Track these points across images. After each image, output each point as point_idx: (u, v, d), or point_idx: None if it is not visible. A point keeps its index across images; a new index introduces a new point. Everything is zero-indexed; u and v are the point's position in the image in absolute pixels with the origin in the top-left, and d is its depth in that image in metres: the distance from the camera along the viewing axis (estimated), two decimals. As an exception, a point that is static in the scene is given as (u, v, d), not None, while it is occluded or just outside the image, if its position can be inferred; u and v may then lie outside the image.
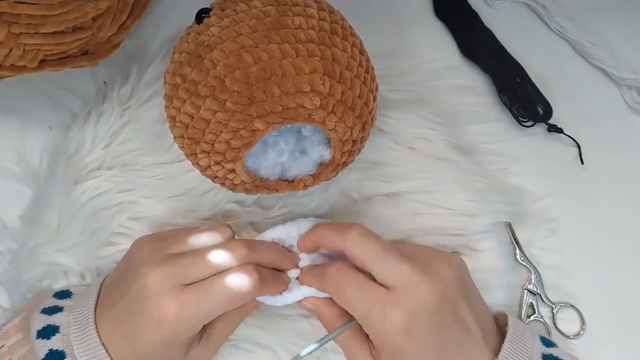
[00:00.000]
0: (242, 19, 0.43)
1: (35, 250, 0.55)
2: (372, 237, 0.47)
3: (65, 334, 0.46)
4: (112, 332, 0.46)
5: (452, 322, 0.45)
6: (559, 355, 0.47)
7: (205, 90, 0.42)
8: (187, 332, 0.45)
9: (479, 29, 0.62)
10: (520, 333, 0.48)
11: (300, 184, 0.48)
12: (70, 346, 0.45)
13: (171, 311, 0.43)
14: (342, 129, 0.44)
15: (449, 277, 0.46)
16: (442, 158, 0.57)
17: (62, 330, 0.46)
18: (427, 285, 0.44)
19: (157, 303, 0.44)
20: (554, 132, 0.59)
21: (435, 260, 0.48)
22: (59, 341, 0.45)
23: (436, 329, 0.44)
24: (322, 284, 0.48)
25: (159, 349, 0.45)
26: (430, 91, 0.60)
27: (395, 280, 0.45)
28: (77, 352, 0.45)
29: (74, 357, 0.45)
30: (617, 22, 0.63)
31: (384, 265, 0.45)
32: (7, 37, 0.45)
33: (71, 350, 0.45)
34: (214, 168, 0.45)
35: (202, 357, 0.49)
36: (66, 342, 0.45)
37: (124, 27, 0.54)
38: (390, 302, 0.44)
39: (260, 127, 0.42)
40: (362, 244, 0.46)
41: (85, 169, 0.56)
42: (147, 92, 0.57)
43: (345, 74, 0.43)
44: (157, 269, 0.44)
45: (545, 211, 0.59)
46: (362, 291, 0.45)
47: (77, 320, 0.47)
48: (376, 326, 0.44)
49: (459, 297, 0.46)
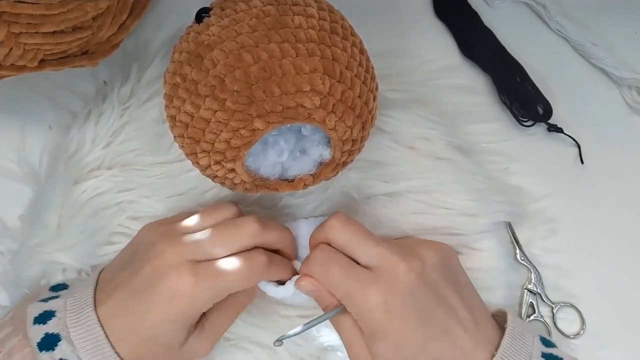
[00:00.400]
0: (242, 19, 0.43)
1: (35, 250, 0.55)
2: (351, 223, 0.48)
3: (62, 317, 0.46)
4: (114, 315, 0.46)
5: (434, 303, 0.46)
6: (559, 354, 0.47)
7: (205, 90, 0.42)
8: (201, 307, 0.46)
9: (479, 29, 0.62)
10: (520, 330, 0.48)
11: (300, 184, 0.48)
12: (66, 329, 0.45)
13: (187, 284, 0.44)
14: (342, 128, 0.44)
15: (429, 260, 0.48)
16: (442, 158, 0.57)
17: (58, 314, 0.46)
18: (405, 264, 0.46)
19: (174, 277, 0.45)
20: (554, 132, 0.59)
21: (421, 246, 0.50)
22: (55, 325, 0.46)
23: (417, 308, 0.45)
24: (307, 267, 0.48)
25: (164, 327, 0.45)
26: (430, 91, 0.60)
27: (377, 261, 0.46)
28: (73, 334, 0.45)
29: (69, 340, 0.45)
30: (617, 22, 0.63)
31: (365, 247, 0.47)
32: (7, 36, 0.45)
33: (67, 333, 0.45)
34: (214, 167, 0.45)
35: (197, 350, 0.48)
36: (62, 325, 0.45)
37: (124, 26, 0.54)
38: (371, 280, 0.45)
39: (260, 126, 0.42)
40: (343, 230, 0.48)
41: (85, 169, 0.55)
42: (147, 92, 0.57)
43: (345, 73, 0.43)
44: (172, 246, 0.46)
45: (545, 211, 0.59)
46: (345, 271, 0.46)
47: (74, 305, 0.47)
48: (358, 304, 0.46)
49: (441, 280, 0.47)
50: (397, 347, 0.45)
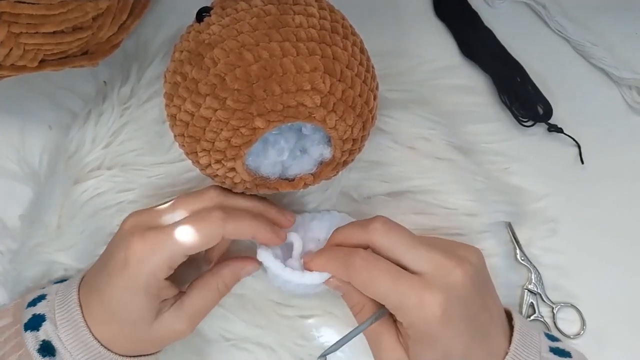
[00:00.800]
0: (243, 18, 0.43)
1: (35, 249, 0.55)
2: (397, 226, 0.46)
3: (50, 300, 0.47)
4: (88, 294, 0.46)
5: (480, 307, 0.45)
6: (565, 348, 0.47)
7: (205, 89, 0.42)
8: (155, 271, 0.44)
9: (479, 29, 0.62)
10: (527, 327, 0.48)
11: (301, 183, 0.48)
12: (53, 310, 0.46)
13: (137, 249, 0.44)
14: (343, 127, 0.44)
15: (476, 263, 0.45)
16: (442, 158, 0.57)
17: (48, 297, 0.47)
18: (460, 270, 0.43)
19: (124, 244, 0.44)
20: (554, 132, 0.59)
21: (460, 248, 0.47)
22: (43, 306, 0.47)
23: (468, 313, 0.44)
24: (348, 274, 0.46)
25: (125, 296, 0.45)
26: (430, 91, 0.60)
27: (429, 266, 0.44)
28: (58, 315, 0.46)
29: (53, 320, 0.45)
30: (617, 22, 0.63)
31: (415, 252, 0.44)
32: (7, 37, 0.45)
33: (52, 314, 0.46)
34: (214, 166, 0.45)
35: (175, 327, 0.48)
36: (49, 307, 0.46)
37: (124, 27, 0.54)
38: (427, 288, 0.43)
39: (261, 125, 0.42)
40: (389, 233, 0.45)
41: (85, 169, 0.56)
42: (147, 92, 0.57)
43: (345, 72, 0.43)
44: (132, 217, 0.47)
45: (545, 211, 0.59)
46: (394, 279, 0.43)
47: (63, 289, 0.48)
48: (413, 314, 0.43)
49: (485, 283, 0.46)
50: (445, 354, 0.44)
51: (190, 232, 0.44)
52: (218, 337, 0.54)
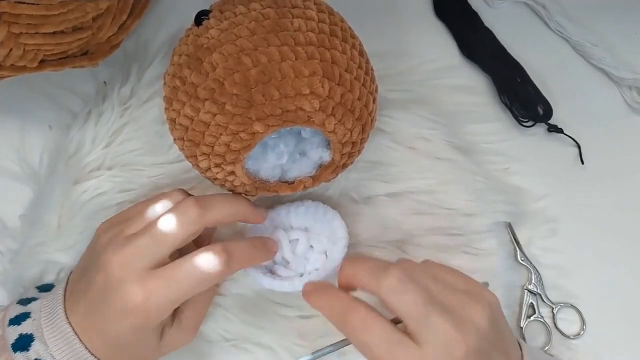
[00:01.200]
0: (241, 22, 0.43)
1: (35, 249, 0.55)
2: (410, 287, 0.42)
3: (36, 319, 0.46)
4: (84, 323, 0.45)
5: None
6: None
7: (204, 93, 0.42)
8: (156, 319, 0.44)
9: (479, 29, 0.62)
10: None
11: (300, 186, 0.48)
12: (40, 329, 0.45)
13: (137, 299, 0.43)
14: (342, 131, 0.44)
15: (483, 327, 0.42)
16: (442, 158, 0.57)
17: (33, 315, 0.46)
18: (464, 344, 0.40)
19: (122, 292, 0.43)
20: (554, 132, 0.59)
21: (470, 305, 0.43)
22: (29, 325, 0.46)
23: None
24: (342, 328, 0.43)
25: (130, 337, 0.44)
26: (430, 91, 0.60)
27: (433, 339, 0.40)
28: (47, 334, 0.45)
29: (42, 340, 0.45)
30: (617, 22, 0.63)
31: (423, 321, 0.41)
32: (7, 37, 0.45)
33: (41, 333, 0.45)
34: (214, 170, 0.45)
35: (179, 340, 0.48)
36: (36, 326, 0.46)
37: (124, 27, 0.54)
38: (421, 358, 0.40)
39: (260, 129, 0.42)
40: (403, 295, 0.41)
41: (85, 169, 0.55)
42: (147, 92, 0.57)
43: (344, 76, 0.43)
44: (117, 256, 0.43)
45: (545, 211, 0.59)
46: (390, 348, 0.41)
47: (48, 306, 0.47)
48: None
49: (492, 348, 0.42)
50: None
51: (194, 278, 0.43)
52: (218, 338, 0.54)
